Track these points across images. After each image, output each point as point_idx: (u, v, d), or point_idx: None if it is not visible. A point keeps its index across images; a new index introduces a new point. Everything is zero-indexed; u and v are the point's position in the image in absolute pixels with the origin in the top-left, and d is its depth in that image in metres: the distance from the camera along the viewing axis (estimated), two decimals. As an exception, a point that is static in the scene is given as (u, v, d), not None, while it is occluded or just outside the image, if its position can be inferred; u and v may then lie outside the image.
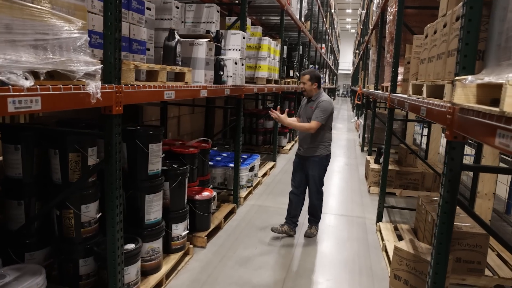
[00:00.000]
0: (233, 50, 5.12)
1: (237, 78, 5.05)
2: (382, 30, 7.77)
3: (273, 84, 7.55)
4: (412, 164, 6.86)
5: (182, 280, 3.70)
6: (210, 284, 3.64)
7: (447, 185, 2.14)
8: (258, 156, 7.00)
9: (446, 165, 2.16)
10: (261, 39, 6.93)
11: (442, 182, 2.19)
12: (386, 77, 5.85)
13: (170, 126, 7.01)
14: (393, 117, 4.96)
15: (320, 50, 18.47)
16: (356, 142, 12.70)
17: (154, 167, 3.49)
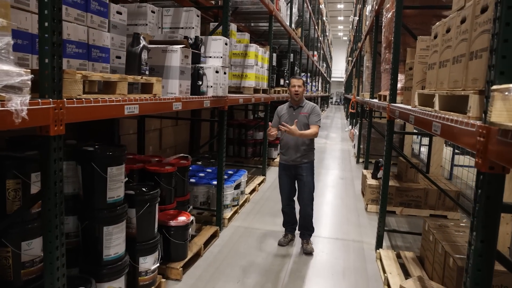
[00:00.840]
0: (214, 57, 4.60)
1: (219, 88, 4.53)
2: (377, 35, 7.31)
3: (262, 94, 7.03)
4: (414, 179, 6.35)
5: (151, 327, 3.14)
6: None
7: (481, 232, 1.58)
8: (245, 172, 6.45)
9: (479, 206, 1.60)
10: (247, 46, 6.42)
11: (473, 228, 1.63)
12: (384, 85, 5.35)
13: (151, 139, 6.48)
14: (393, 129, 4.45)
15: (312, 58, 18.03)
16: (351, 153, 12.20)
17: (114, 193, 2.94)
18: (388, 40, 4.98)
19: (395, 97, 4.34)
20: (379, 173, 6.60)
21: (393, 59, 4.31)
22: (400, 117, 3.57)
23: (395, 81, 4.32)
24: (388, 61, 5.02)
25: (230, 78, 6.48)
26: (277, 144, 9.92)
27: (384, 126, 10.67)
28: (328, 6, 38.87)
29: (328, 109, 42.60)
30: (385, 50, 5.36)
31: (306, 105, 4.71)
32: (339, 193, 7.46)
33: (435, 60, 2.54)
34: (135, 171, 4.35)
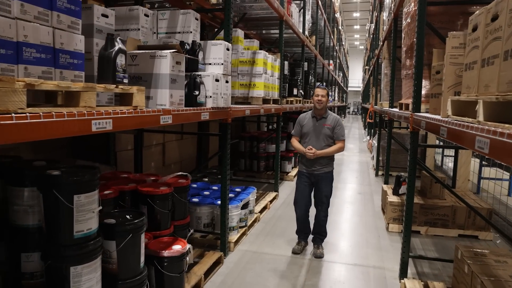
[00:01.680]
0: (214, 64, 4.13)
1: (220, 98, 4.05)
2: (396, 40, 6.78)
3: (272, 104, 6.53)
4: (439, 195, 5.75)
5: None
6: None
7: None
8: (254, 189, 5.94)
9: None
10: (255, 52, 5.95)
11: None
12: (405, 92, 4.82)
13: (153, 155, 6.04)
14: (417, 142, 3.91)
15: (328, 67, 17.51)
16: (370, 165, 11.59)
17: (83, 226, 2.45)
18: (409, 43, 4.45)
19: (419, 105, 3.80)
20: (401, 189, 6.03)
21: (416, 62, 3.78)
22: (428, 128, 3.03)
23: (419, 88, 3.79)
24: (409, 66, 4.49)
25: (237, 87, 6.02)
26: (291, 157, 9.42)
27: (404, 137, 10.10)
28: (344, 15, 38.45)
29: (346, 119, 41.90)
30: (406, 54, 4.83)
31: (329, 116, 4.76)
32: (358, 209, 6.88)
33: (475, 58, 2.01)
34: (127, 193, 3.89)
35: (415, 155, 3.93)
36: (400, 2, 5.77)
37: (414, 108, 3.81)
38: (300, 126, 4.86)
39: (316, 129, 4.72)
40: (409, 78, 4.49)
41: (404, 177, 6.08)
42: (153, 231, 3.87)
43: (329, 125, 4.69)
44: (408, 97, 4.46)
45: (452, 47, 2.63)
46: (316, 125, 4.74)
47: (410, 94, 4.20)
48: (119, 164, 5.23)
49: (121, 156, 5.26)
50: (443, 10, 4.12)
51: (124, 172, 4.67)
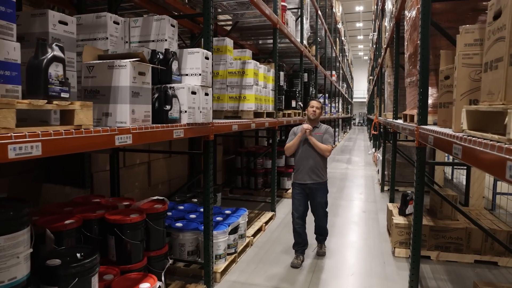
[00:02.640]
0: (191, 75, 3.65)
1: (197, 113, 3.56)
2: (398, 45, 6.29)
3: (265, 118, 6.04)
4: (451, 215, 5.20)
5: None
6: None
7: None
8: (245, 211, 5.42)
9: None
10: (245, 62, 5.48)
11: None
12: (410, 102, 4.31)
13: (136, 175, 5.55)
14: (424, 158, 3.40)
15: (330, 78, 17.05)
16: (375, 179, 11.04)
17: (4, 276, 1.95)
18: (413, 47, 3.96)
19: (425, 116, 3.30)
20: (407, 209, 5.49)
21: (421, 67, 3.29)
22: (437, 145, 2.52)
23: (425, 96, 3.29)
24: (413, 72, 3.99)
25: (226, 101, 5.55)
26: (290, 173, 8.89)
27: (410, 150, 9.55)
28: (347, 25, 38.13)
29: (351, 130, 41.37)
30: (409, 60, 4.34)
31: (321, 126, 4.99)
32: (362, 231, 6.33)
33: (499, 54, 1.51)
34: (93, 222, 3.42)
35: (423, 173, 3.42)
36: (402, 5, 5.29)
37: (419, 120, 3.30)
38: (294, 135, 4.99)
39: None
40: (413, 85, 3.99)
41: (411, 196, 5.55)
42: (122, 265, 3.39)
43: (320, 133, 4.89)
44: (413, 107, 3.96)
45: (465, 44, 2.13)
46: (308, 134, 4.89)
47: (415, 104, 3.70)
48: (96, 187, 4.74)
49: (98, 177, 4.77)
50: (450, 7, 3.63)
51: (98, 196, 4.19)
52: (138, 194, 5.62)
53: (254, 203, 7.77)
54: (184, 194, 6.34)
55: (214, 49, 5.58)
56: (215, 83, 5.61)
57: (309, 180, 4.83)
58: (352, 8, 34.28)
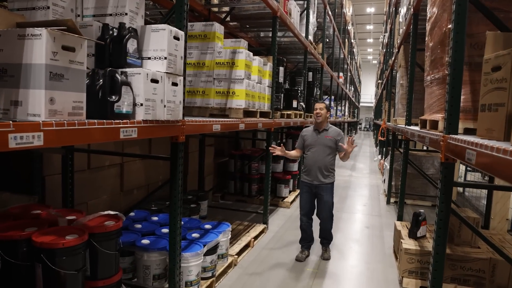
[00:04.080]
0: (154, 59, 2.85)
1: (159, 107, 2.77)
2: (416, 40, 5.47)
3: (258, 118, 5.24)
4: (471, 241, 4.39)
5: None
6: None
7: None
8: (228, 226, 4.62)
9: None
10: (235, 52, 4.69)
11: None
12: (430, 105, 3.49)
13: (106, 178, 4.80)
14: (452, 178, 2.58)
15: (337, 79, 16.23)
16: (380, 189, 10.20)
17: None
18: (440, 33, 3.15)
19: (456, 123, 2.49)
20: (419, 231, 4.68)
21: (454, 57, 2.49)
22: (484, 166, 1.71)
23: (457, 96, 2.48)
24: (438, 67, 3.18)
25: (212, 96, 4.77)
26: (287, 180, 8.10)
27: (421, 159, 8.71)
28: (357, 27, 37.27)
29: (357, 135, 40.46)
30: (433, 52, 3.52)
31: (331, 129, 5.02)
32: (364, 251, 5.52)
33: None
34: (20, 244, 2.65)
35: (449, 197, 2.61)
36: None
37: (448, 127, 2.49)
38: (302, 139, 5.14)
39: (318, 140, 4.97)
40: (437, 84, 3.18)
41: (424, 216, 4.74)
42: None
43: (331, 137, 4.92)
44: (436, 111, 3.15)
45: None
46: (319, 137, 4.99)
47: (439, 107, 2.91)
48: (49, 194, 3.96)
49: (52, 182, 3.99)
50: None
51: (42, 207, 3.43)
52: (107, 201, 4.84)
53: (244, 213, 6.97)
54: (164, 201, 5.55)
55: (201, 36, 4.81)
56: (201, 75, 4.83)
57: (317, 181, 4.93)
58: (363, 10, 33.36)
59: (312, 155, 4.97)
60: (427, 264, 4.32)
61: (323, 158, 4.91)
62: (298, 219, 5.23)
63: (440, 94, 2.99)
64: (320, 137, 4.97)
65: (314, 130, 5.07)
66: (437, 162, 8.36)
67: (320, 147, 4.93)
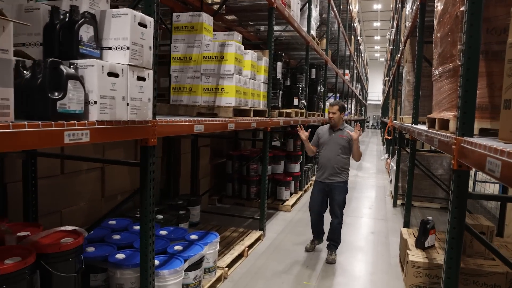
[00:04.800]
0: (115, 49, 2.44)
1: (120, 105, 2.36)
2: (423, 33, 5.04)
3: (252, 117, 4.82)
4: (484, 253, 3.95)
5: None
6: None
7: None
8: (216, 237, 4.20)
9: None
10: (224, 45, 4.27)
11: None
12: (439, 101, 3.05)
13: (85, 183, 4.43)
14: (467, 189, 2.15)
15: (343, 77, 15.75)
16: (387, 191, 9.74)
17: None
18: (450, 20, 2.71)
19: (471, 123, 2.05)
20: (427, 240, 4.24)
21: (469, 45, 2.04)
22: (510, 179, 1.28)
23: (473, 91, 2.04)
24: (449, 58, 2.74)
25: (200, 93, 4.36)
26: (288, 181, 7.68)
27: (429, 160, 8.24)
28: (364, 24, 36.70)
29: (364, 133, 39.89)
30: (442, 42, 3.08)
31: (346, 128, 5.02)
32: (368, 260, 5.09)
33: None
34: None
35: (463, 212, 2.17)
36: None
37: (462, 127, 2.06)
38: (318, 137, 5.17)
39: (332, 139, 4.99)
40: (447, 78, 2.74)
41: (433, 223, 4.29)
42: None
43: (345, 137, 4.94)
44: (446, 109, 2.72)
45: None
46: (333, 135, 5.01)
47: (450, 104, 2.47)
48: (11, 203, 3.56)
49: (15, 190, 3.58)
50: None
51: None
52: (85, 208, 4.45)
53: (241, 219, 6.54)
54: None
55: (187, 27, 4.41)
56: (187, 70, 4.42)
57: (329, 180, 4.95)
58: (370, 7, 32.77)
59: (325, 154, 5.00)
60: (436, 278, 3.89)
61: (335, 156, 4.92)
62: (298, 224, 5.37)
63: (451, 89, 2.55)
64: (334, 136, 5.00)
65: (329, 129, 5.09)
66: (446, 162, 7.89)
67: (333, 146, 4.94)
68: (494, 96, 2.22)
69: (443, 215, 7.41)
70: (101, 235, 3.97)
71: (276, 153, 7.96)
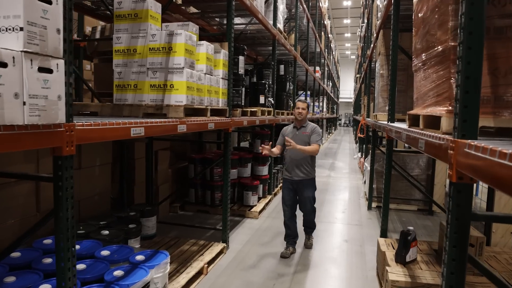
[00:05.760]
0: (5, 30, 1.84)
1: (11, 105, 1.77)
2: (398, 20, 4.57)
3: (209, 117, 4.25)
4: (472, 268, 3.47)
5: None
6: None
7: None
8: (166, 257, 3.60)
9: None
10: (172, 34, 3.69)
11: None
12: (424, 94, 2.52)
13: (15, 197, 3.77)
14: (469, 210, 1.63)
15: (314, 74, 15.32)
16: (361, 192, 9.31)
17: None
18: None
19: (475, 119, 1.54)
20: (409, 253, 3.76)
21: (469, 16, 1.53)
22: None
23: (476, 76, 1.52)
24: (438, 39, 2.23)
25: (146, 91, 3.77)
26: (256, 186, 7.13)
27: (405, 159, 7.83)
28: (334, 22, 36.51)
29: (336, 131, 39.80)
30: (428, 20, 2.57)
31: (308, 125, 5.13)
32: (342, 275, 4.59)
33: None
34: None
35: (465, 238, 1.65)
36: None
37: (462, 126, 1.54)
38: (283, 136, 5.16)
39: (296, 136, 5.03)
40: (434, 65, 2.23)
41: (414, 234, 3.82)
42: None
43: (307, 133, 5.04)
44: (433, 103, 2.21)
45: None
46: (297, 133, 5.09)
47: (440, 97, 1.96)
48: None
49: None
50: None
51: None
52: (15, 226, 3.80)
53: (199, 231, 5.92)
54: (101, 220, 4.52)
55: (131, 15, 3.82)
56: (132, 64, 3.83)
57: (296, 177, 5.03)
58: (340, 4, 32.61)
59: (290, 151, 5.00)
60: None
61: (301, 153, 4.92)
62: (266, 232, 5.30)
63: (440, 78, 2.05)
64: (298, 133, 5.07)
65: (294, 127, 5.18)
66: (422, 161, 7.49)
67: (298, 143, 4.83)
68: (499, 85, 1.73)
69: (420, 218, 7.01)
70: (29, 258, 3.35)
71: (242, 155, 7.41)
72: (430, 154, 2.01)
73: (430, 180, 7.39)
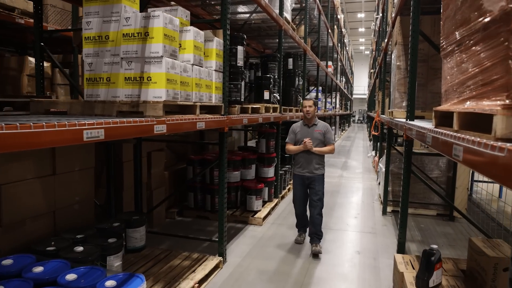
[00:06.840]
0: None
1: None
2: (419, 3, 3.93)
3: (198, 115, 3.67)
4: None
5: None
6: None
7: None
8: (141, 282, 3.04)
9: None
10: (149, 17, 3.11)
11: None
12: (459, 85, 1.90)
13: None
14: None
15: (326, 69, 14.65)
16: (375, 194, 8.65)
17: None
18: None
19: None
20: (432, 277, 3.13)
21: None
22: None
23: None
24: (481, 8, 1.60)
25: (120, 85, 3.20)
26: (259, 190, 6.53)
27: (423, 160, 7.17)
28: (348, 16, 35.70)
29: (350, 128, 38.98)
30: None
31: (319, 123, 5.24)
32: (353, 296, 3.99)
33: None
34: None
35: None
36: None
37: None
38: (294, 134, 5.24)
39: (309, 134, 5.12)
40: (476, 44, 1.61)
41: (439, 255, 3.19)
42: None
43: (320, 131, 5.14)
44: (475, 96, 1.59)
45: None
46: (309, 130, 5.16)
47: (490, 86, 1.34)
48: None
49: None
50: None
51: None
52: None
53: (193, 243, 5.34)
54: (79, 232, 3.97)
55: None
56: (104, 54, 3.26)
57: (308, 173, 5.14)
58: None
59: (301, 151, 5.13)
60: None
61: (312, 153, 5.08)
62: (270, 242, 5.40)
63: (489, 58, 1.44)
64: (310, 131, 5.15)
65: (304, 125, 5.23)
66: (442, 162, 6.83)
67: (313, 141, 5.06)
68: None
69: (440, 224, 6.35)
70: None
71: (245, 155, 6.82)
72: (477, 169, 1.40)
73: (451, 183, 6.72)
